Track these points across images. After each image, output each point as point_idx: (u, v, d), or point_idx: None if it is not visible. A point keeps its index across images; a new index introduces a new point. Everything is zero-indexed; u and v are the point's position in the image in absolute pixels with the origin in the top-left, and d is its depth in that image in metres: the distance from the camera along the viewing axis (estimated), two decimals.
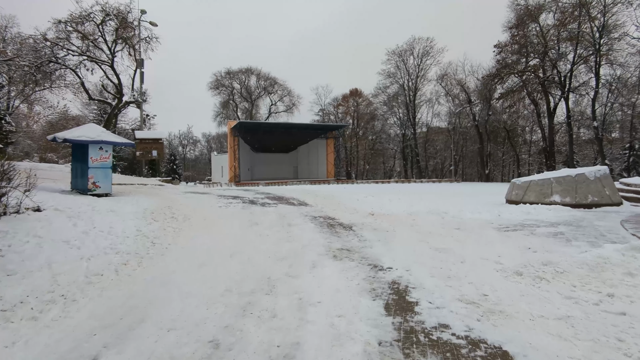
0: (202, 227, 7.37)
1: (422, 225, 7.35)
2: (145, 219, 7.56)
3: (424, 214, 8.77)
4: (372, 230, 6.95)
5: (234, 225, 7.66)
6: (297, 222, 7.94)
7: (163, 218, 7.97)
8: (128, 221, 7.05)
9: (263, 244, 5.97)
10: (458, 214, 8.45)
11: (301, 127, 42.69)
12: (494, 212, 8.44)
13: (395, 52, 48.33)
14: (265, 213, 9.24)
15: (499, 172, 50.46)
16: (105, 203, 8.73)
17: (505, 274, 4.09)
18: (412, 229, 6.97)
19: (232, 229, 7.28)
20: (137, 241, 5.85)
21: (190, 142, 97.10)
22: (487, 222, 7.60)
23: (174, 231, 6.86)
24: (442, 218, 8.20)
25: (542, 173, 10.80)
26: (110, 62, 23.03)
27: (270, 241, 6.19)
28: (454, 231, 6.71)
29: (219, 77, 56.53)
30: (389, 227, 7.19)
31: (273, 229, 7.27)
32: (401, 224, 7.61)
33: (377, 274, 4.30)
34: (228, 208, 9.96)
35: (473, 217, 8.15)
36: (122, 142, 11.58)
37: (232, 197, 12.72)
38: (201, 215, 8.66)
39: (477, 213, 8.50)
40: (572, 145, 33.18)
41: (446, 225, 7.29)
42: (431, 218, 8.23)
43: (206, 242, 6.12)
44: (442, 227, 7.08)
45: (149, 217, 7.86)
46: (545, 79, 33.50)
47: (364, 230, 7.03)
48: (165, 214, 8.46)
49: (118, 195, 11.39)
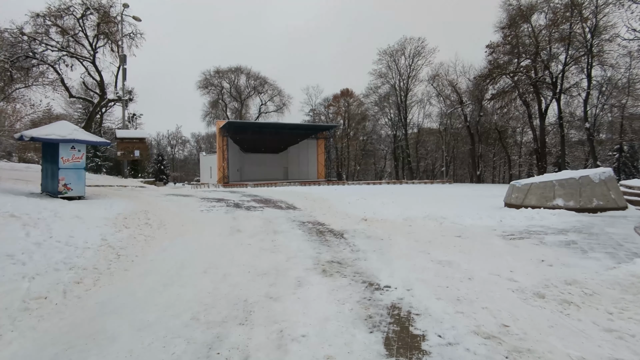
0: (178, 235, 6.66)
1: (420, 233, 6.74)
2: (115, 226, 6.82)
3: (421, 220, 8.16)
4: (366, 239, 6.32)
5: (214, 232, 6.96)
6: (284, 229, 7.27)
7: (136, 224, 7.24)
8: (94, 229, 6.31)
9: (243, 256, 5.29)
10: (457, 220, 7.86)
11: (291, 127, 41.96)
12: (496, 217, 7.88)
13: (386, 52, 47.92)
14: (250, 218, 8.55)
15: (490, 173, 50.38)
16: (73, 207, 7.95)
17: (524, 295, 3.48)
18: (410, 237, 6.35)
19: (210, 237, 6.58)
20: (98, 253, 5.12)
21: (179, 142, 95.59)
22: (490, 228, 7.02)
23: (145, 240, 6.13)
24: (440, 224, 7.60)
25: (542, 175, 10.29)
26: (91, 59, 22.07)
27: (251, 252, 5.51)
28: (456, 240, 6.10)
29: (207, 76, 55.52)
30: (384, 235, 6.56)
31: (256, 237, 6.59)
32: (397, 231, 6.99)
33: (373, 295, 3.66)
34: (210, 212, 9.25)
35: (474, 223, 7.57)
36: (96, 141, 10.78)
37: (216, 199, 11.99)
38: (179, 221, 7.94)
39: (477, 218, 7.92)
40: (564, 146, 33.05)
41: (446, 233, 6.69)
42: (429, 224, 7.63)
43: (179, 254, 5.41)
44: (442, 235, 6.47)
45: (120, 223, 7.12)
46: (537, 80, 33.32)
47: (357, 238, 6.39)
48: (140, 220, 7.73)
49: (92, 198, 10.60)
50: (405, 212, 9.28)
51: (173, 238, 6.44)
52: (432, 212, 8.97)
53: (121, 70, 20.83)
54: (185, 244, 5.98)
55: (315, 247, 5.76)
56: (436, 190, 21.59)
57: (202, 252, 5.53)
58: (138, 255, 5.29)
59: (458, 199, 14.10)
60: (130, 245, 5.74)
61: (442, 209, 9.95)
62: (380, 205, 11.21)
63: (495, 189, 23.12)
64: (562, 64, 32.55)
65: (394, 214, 9.10)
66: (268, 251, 5.56)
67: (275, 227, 7.52)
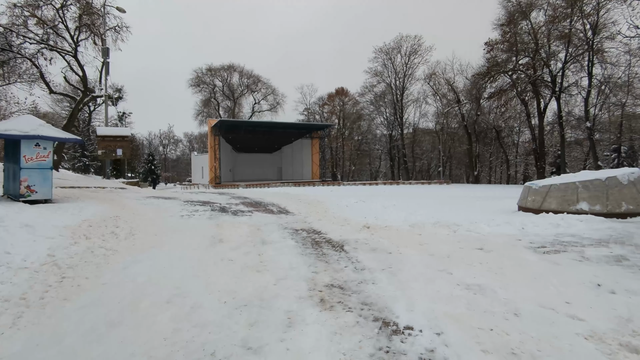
0: (148, 248, 5.60)
1: (433, 244, 5.74)
2: (73, 237, 5.74)
3: (431, 227, 7.18)
4: (371, 252, 5.31)
5: (192, 243, 5.91)
6: (274, 239, 6.24)
7: (100, 234, 6.16)
8: (43, 241, 5.23)
9: (222, 276, 4.25)
10: (472, 227, 6.89)
11: (285, 126, 40.93)
12: (515, 224, 6.91)
13: (382, 50, 47.10)
14: (236, 225, 7.50)
15: (486, 173, 49.66)
16: (29, 214, 6.85)
17: (607, 348, 2.49)
18: (423, 250, 5.35)
19: (186, 249, 5.53)
20: (36, 275, 4.06)
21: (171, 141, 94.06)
22: (513, 238, 6.05)
23: (104, 255, 5.07)
24: (454, 232, 6.62)
25: (560, 175, 9.36)
26: (73, 52, 20.82)
27: (232, 271, 4.48)
28: (478, 254, 5.11)
29: (199, 74, 54.30)
30: (391, 247, 5.55)
31: (241, 249, 5.55)
32: (406, 241, 5.99)
33: (391, 343, 2.65)
34: (191, 219, 8.18)
35: (492, 230, 6.60)
36: (64, 138, 9.65)
37: (201, 203, 10.92)
38: (153, 230, 6.87)
39: (494, 225, 6.95)
40: (563, 146, 32.35)
41: (464, 244, 5.70)
42: (441, 232, 6.64)
43: (143, 274, 4.36)
44: (460, 247, 5.48)
45: (80, 233, 6.04)
46: (536, 78, 32.59)
47: (360, 251, 5.38)
48: (107, 228, 6.66)
49: (61, 201, 9.49)
50: (410, 217, 8.30)
51: (141, 251, 5.38)
52: (441, 217, 8.00)
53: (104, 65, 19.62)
54: (153, 260, 4.92)
55: (311, 264, 4.73)
56: (436, 192, 20.68)
57: (172, 271, 4.48)
58: (89, 277, 4.23)
59: (463, 201, 13.15)
60: (83, 262, 4.67)
61: (449, 213, 8.99)
62: (381, 208, 10.22)
63: (497, 190, 22.31)
64: (561, 61, 31.88)
65: (398, 220, 8.11)
66: (253, 269, 4.53)
67: (264, 236, 6.49)
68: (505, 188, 25.77)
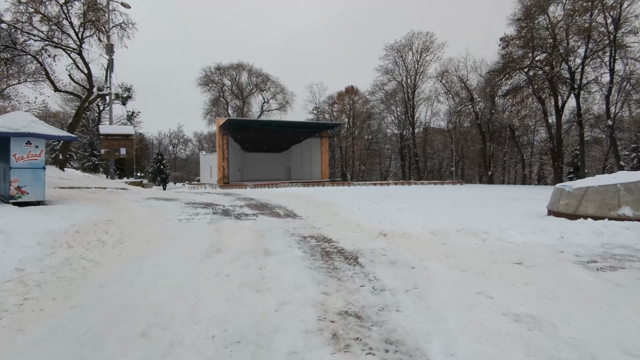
0: (135, 258, 4.93)
1: (462, 256, 4.97)
2: (54, 245, 5.11)
3: (454, 234, 6.40)
4: (390, 266, 4.56)
5: (186, 253, 5.23)
6: (279, 248, 5.53)
7: (86, 242, 5.52)
8: (16, 251, 4.60)
9: (214, 298, 3.56)
10: (503, 235, 6.09)
11: (294, 125, 40.21)
12: (552, 232, 6.09)
13: (393, 48, 46.17)
14: (237, 231, 6.81)
15: (500, 173, 48.30)
16: (11, 218, 6.27)
17: None
18: (451, 264, 4.59)
19: (178, 261, 4.85)
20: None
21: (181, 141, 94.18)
22: (554, 249, 5.24)
23: (83, 269, 4.41)
24: (483, 241, 5.83)
25: (596, 176, 8.47)
26: (78, 49, 20.42)
27: (228, 290, 3.78)
28: (519, 270, 4.33)
29: (208, 73, 53.97)
30: (414, 260, 4.80)
31: (240, 261, 4.85)
32: (429, 251, 5.23)
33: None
34: (190, 223, 7.52)
35: (527, 240, 5.80)
36: (58, 136, 9.07)
37: (203, 205, 10.27)
38: (146, 236, 6.21)
39: (528, 233, 6.14)
40: (582, 145, 31.08)
41: (498, 256, 4.91)
42: (468, 241, 5.86)
43: (121, 294, 3.68)
44: (494, 261, 4.70)
45: (63, 240, 5.41)
46: (554, 75, 31.38)
47: (377, 264, 4.63)
48: (95, 234, 6.02)
49: (55, 203, 8.93)
50: (429, 222, 7.52)
51: (126, 263, 4.71)
52: (464, 223, 7.21)
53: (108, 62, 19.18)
54: (137, 275, 4.25)
55: (320, 282, 4.01)
56: (451, 192, 19.78)
57: (157, 290, 3.80)
58: (57, 298, 3.57)
59: (482, 203, 12.29)
60: (55, 279, 4.02)
61: (472, 217, 8.19)
62: (395, 211, 9.45)
63: (515, 191, 21.31)
64: (581, 57, 30.62)
65: (416, 225, 7.34)
66: (252, 289, 3.82)
67: (267, 244, 5.79)
68: (523, 189, 24.71)
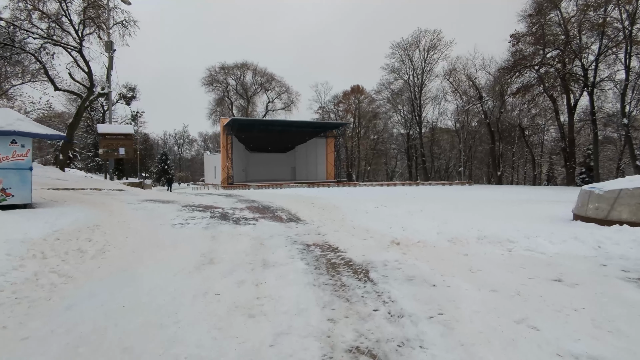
0: (115, 271, 4.34)
1: (489, 270, 4.31)
2: (23, 257, 4.53)
3: (475, 242, 5.73)
4: (407, 283, 3.92)
5: (174, 265, 4.62)
6: (279, 259, 4.91)
7: (63, 251, 4.94)
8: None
9: (197, 327, 2.94)
10: (531, 244, 5.41)
11: (299, 125, 39.63)
12: (587, 241, 5.40)
13: (400, 46, 45.39)
14: (235, 238, 6.20)
15: (509, 174, 47.26)
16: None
17: None
18: (478, 281, 3.93)
19: (164, 275, 4.24)
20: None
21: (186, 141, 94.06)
22: (594, 262, 4.57)
23: (51, 286, 3.82)
24: (509, 252, 5.16)
25: (628, 177, 7.75)
26: (78, 47, 19.96)
27: (215, 315, 3.16)
28: (560, 289, 3.67)
29: (212, 73, 53.57)
30: (434, 275, 4.15)
31: (234, 275, 4.24)
32: (450, 265, 4.58)
33: None
34: (184, 228, 6.92)
35: (559, 250, 5.12)
36: (46, 134, 8.52)
37: (201, 208, 9.68)
38: (132, 244, 5.62)
39: (559, 242, 5.46)
40: (596, 144, 30.13)
41: (532, 271, 4.25)
42: (493, 252, 5.19)
43: (87, 320, 3.07)
44: (528, 277, 4.04)
45: (38, 250, 4.83)
46: (566, 72, 30.45)
47: (392, 280, 3.99)
48: (77, 241, 5.44)
49: (43, 205, 8.39)
50: (444, 228, 6.86)
51: (104, 278, 4.12)
52: (484, 229, 6.54)
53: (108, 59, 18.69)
54: (112, 294, 3.64)
55: (326, 304, 3.38)
56: (462, 194, 19.05)
57: (131, 314, 3.18)
58: (8, 325, 2.96)
59: (498, 205, 11.58)
60: (14, 299, 3.42)
61: (491, 222, 7.50)
62: (407, 215, 8.80)
63: (529, 192, 20.52)
64: (594, 54, 29.68)
65: (430, 231, 6.68)
66: (244, 312, 3.20)
67: (267, 254, 5.17)
68: (535, 190, 23.87)
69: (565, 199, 13.93)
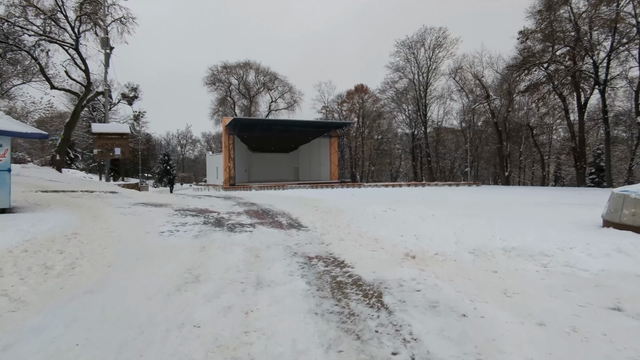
0: (80, 295, 3.65)
1: (528, 294, 3.58)
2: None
3: (502, 255, 4.99)
4: (430, 310, 3.20)
5: (152, 284, 3.93)
6: (276, 276, 4.20)
7: (26, 267, 4.26)
8: None
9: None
10: (568, 258, 4.67)
11: (302, 124, 38.90)
12: (634, 254, 4.66)
13: (404, 44, 44.55)
14: (227, 249, 5.50)
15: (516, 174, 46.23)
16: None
17: None
18: (518, 309, 3.21)
19: (137, 298, 3.55)
20: None
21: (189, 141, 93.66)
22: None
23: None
24: (545, 268, 4.43)
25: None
26: (74, 45, 19.37)
27: (192, 357, 2.46)
28: (627, 324, 2.94)
29: (214, 72, 52.95)
30: (462, 300, 3.43)
31: (220, 298, 3.54)
32: (479, 285, 3.85)
33: None
34: (172, 236, 6.23)
35: (604, 266, 4.38)
36: (26, 133, 7.86)
37: (195, 212, 8.99)
38: (110, 256, 4.93)
39: (601, 255, 4.72)
40: (608, 144, 29.18)
41: (581, 295, 3.51)
42: (525, 268, 4.46)
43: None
44: (579, 304, 3.31)
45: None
46: (577, 70, 29.53)
47: (411, 308, 3.27)
48: (47, 253, 4.77)
49: (24, 210, 7.74)
50: (462, 237, 6.12)
51: (63, 304, 3.43)
52: (507, 237, 5.79)
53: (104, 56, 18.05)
54: (67, 327, 2.95)
55: (331, 342, 2.67)
56: (472, 195, 18.25)
57: (84, 356, 2.49)
58: None
59: (515, 209, 10.80)
60: None
61: (512, 228, 6.74)
62: (418, 220, 8.07)
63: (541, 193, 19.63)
64: (605, 51, 28.74)
65: (447, 240, 5.96)
66: (227, 356, 2.50)
67: (262, 270, 4.46)
68: (548, 191, 22.97)
69: (585, 201, 13.15)
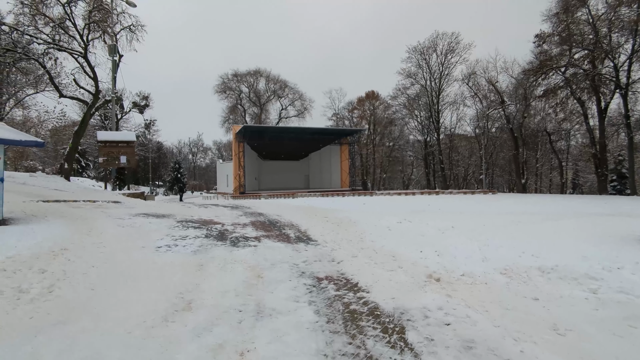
0: (49, 328, 3.13)
1: (585, 331, 2.94)
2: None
3: (539, 277, 4.33)
4: (465, 354, 2.60)
5: (136, 312, 3.39)
6: (279, 304, 3.62)
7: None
8: None
9: None
10: (621, 282, 4.00)
11: (313, 132, 38.42)
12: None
13: (416, 49, 43.92)
14: (227, 267, 4.94)
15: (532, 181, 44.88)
16: None
17: None
18: (576, 353, 2.57)
19: (115, 331, 3.00)
20: None
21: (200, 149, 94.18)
22: None
23: None
24: (595, 295, 3.76)
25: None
26: (83, 53, 19.29)
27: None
28: None
29: (225, 80, 53.06)
30: (502, 337, 2.80)
31: (212, 332, 2.97)
32: (520, 317, 3.21)
33: None
34: (169, 252, 5.70)
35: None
36: (21, 140, 7.46)
37: (198, 223, 8.48)
38: (95, 277, 4.42)
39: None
40: (632, 150, 27.96)
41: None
42: (572, 294, 3.80)
43: None
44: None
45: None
46: (596, 74, 28.50)
47: (441, 349, 2.67)
48: (25, 274, 4.30)
49: (16, 222, 7.32)
50: (489, 253, 5.47)
51: (26, 339, 2.90)
52: (541, 255, 5.13)
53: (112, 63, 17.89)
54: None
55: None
56: (491, 205, 17.40)
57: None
58: None
59: (540, 220, 10.02)
60: None
61: (544, 244, 6.05)
62: (437, 234, 7.43)
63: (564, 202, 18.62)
64: (627, 54, 27.68)
65: (473, 257, 5.31)
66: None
67: (263, 294, 3.89)
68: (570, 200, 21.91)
69: (614, 211, 12.27)
